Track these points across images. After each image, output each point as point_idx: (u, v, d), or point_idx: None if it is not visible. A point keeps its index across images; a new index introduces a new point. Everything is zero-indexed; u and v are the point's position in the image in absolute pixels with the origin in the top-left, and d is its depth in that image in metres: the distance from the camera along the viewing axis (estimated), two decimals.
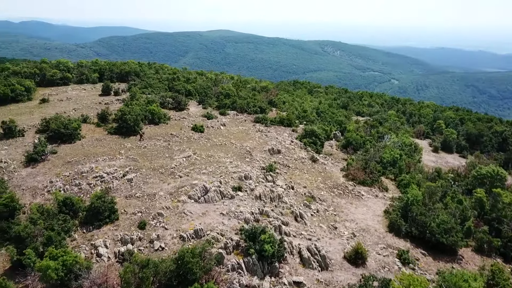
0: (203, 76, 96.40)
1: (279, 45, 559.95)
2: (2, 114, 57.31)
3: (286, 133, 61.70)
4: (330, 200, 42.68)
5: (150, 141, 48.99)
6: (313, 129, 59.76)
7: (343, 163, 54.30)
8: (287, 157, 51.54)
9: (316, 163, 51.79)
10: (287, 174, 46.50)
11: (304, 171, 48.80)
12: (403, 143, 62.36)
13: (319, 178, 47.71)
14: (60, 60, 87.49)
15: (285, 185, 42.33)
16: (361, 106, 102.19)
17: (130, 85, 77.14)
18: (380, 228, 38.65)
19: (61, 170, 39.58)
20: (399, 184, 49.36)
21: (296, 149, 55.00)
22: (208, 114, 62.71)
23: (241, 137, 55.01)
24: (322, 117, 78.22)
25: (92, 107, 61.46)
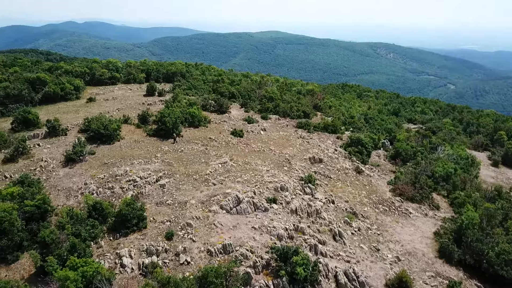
0: (248, 78, 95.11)
1: (330, 47, 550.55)
2: (50, 112, 59.09)
3: (330, 140, 58.61)
4: (373, 217, 39.30)
5: (187, 144, 47.99)
6: (360, 137, 56.20)
7: (390, 175, 50.43)
8: (329, 167, 48.55)
9: (361, 175, 48.37)
10: (327, 186, 43.59)
11: (347, 183, 45.61)
12: (458, 156, 57.11)
13: (363, 191, 44.34)
14: (110, 60, 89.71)
15: (325, 198, 39.50)
16: (413, 113, 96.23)
17: (174, 86, 77.32)
18: (429, 253, 34.82)
19: (97, 172, 39.35)
20: (453, 202, 44.78)
21: (340, 159, 51.81)
22: (249, 118, 60.98)
23: (281, 144, 52.72)
24: (370, 124, 74.11)
25: (135, 108, 61.74)
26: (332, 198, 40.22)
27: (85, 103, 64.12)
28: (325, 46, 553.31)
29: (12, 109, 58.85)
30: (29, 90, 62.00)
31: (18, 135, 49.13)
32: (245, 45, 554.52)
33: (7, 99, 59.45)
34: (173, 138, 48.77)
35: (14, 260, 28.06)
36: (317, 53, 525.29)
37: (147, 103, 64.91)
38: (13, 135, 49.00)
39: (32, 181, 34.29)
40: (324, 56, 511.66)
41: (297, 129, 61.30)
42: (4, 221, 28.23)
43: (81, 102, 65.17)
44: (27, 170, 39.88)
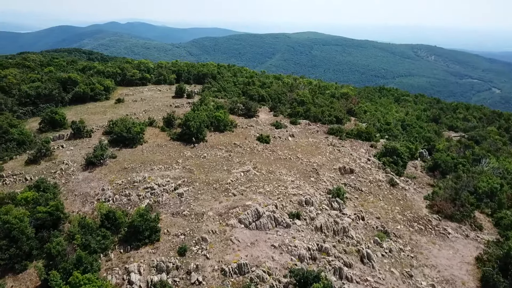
0: (280, 80, 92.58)
1: (368, 48, 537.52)
2: (79, 112, 59.13)
3: (363, 148, 55.12)
4: (407, 237, 35.83)
5: (211, 150, 46.15)
6: (395, 146, 52.42)
7: (427, 189, 46.47)
8: (360, 178, 45.27)
9: (395, 188, 44.79)
10: (358, 200, 40.42)
11: (379, 197, 42.23)
12: (505, 170, 52.12)
13: (397, 207, 40.81)
14: (142, 61, 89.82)
15: (354, 214, 36.41)
16: (455, 119, 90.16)
17: (204, 88, 76.05)
18: (470, 281, 31.09)
19: (115, 177, 38.17)
20: (498, 223, 40.36)
21: (373, 169, 48.37)
22: (277, 123, 58.47)
23: (309, 151, 49.89)
24: (407, 131, 69.70)
25: (162, 110, 60.74)
26: (362, 214, 37.05)
27: (114, 104, 63.85)
28: (363, 47, 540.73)
29: (42, 109, 59.34)
30: (59, 90, 62.39)
31: (43, 135, 49.17)
32: (281, 46, 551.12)
33: (38, 99, 59.98)
34: (192, 143, 47.16)
35: (21, 269, 27.04)
36: (354, 54, 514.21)
37: (175, 105, 63.81)
38: (39, 136, 49.08)
39: (47, 186, 33.43)
40: (362, 58, 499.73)
41: (328, 135, 58.19)
42: (14, 229, 27.29)
43: (109, 103, 65.00)
44: (47, 172, 39.37)
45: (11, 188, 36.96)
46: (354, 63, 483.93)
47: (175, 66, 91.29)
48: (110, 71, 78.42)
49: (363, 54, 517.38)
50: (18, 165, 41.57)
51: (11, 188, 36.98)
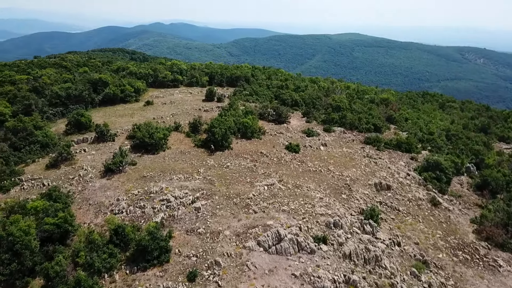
0: (316, 84, 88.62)
1: (412, 50, 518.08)
2: (107, 114, 58.34)
3: (402, 161, 50.56)
4: (450, 268, 31.42)
5: (235, 159, 43.40)
6: (439, 160, 47.54)
7: (475, 211, 41.48)
8: (398, 196, 41.01)
9: (437, 208, 40.19)
10: (394, 222, 36.28)
11: (419, 218, 37.84)
12: None
13: (439, 231, 36.32)
14: (174, 62, 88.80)
15: (389, 239, 32.40)
16: (507, 129, 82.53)
17: (235, 92, 73.65)
18: None
19: (132, 186, 36.23)
20: None
21: (413, 186, 43.89)
22: (309, 130, 54.90)
23: (342, 163, 46.06)
24: (452, 142, 63.94)
25: (190, 114, 58.80)
26: (398, 238, 32.95)
27: (142, 107, 62.68)
28: (407, 49, 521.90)
29: (72, 110, 58.99)
30: (89, 92, 61.90)
31: (68, 138, 48.37)
32: (322, 47, 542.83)
33: (68, 100, 59.73)
34: (211, 150, 44.68)
35: (23, 286, 25.35)
36: (397, 56, 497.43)
37: (204, 109, 61.73)
38: (64, 138, 48.32)
39: (59, 195, 31.82)
40: (405, 60, 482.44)
41: (364, 145, 54.01)
42: (17, 242, 25.66)
43: (139, 105, 63.90)
44: (65, 178, 38.12)
45: (28, 193, 35.93)
46: (396, 65, 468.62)
47: (208, 68, 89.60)
48: (142, 72, 77.72)
49: (406, 56, 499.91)
50: (39, 168, 40.70)
51: (28, 193, 35.96)
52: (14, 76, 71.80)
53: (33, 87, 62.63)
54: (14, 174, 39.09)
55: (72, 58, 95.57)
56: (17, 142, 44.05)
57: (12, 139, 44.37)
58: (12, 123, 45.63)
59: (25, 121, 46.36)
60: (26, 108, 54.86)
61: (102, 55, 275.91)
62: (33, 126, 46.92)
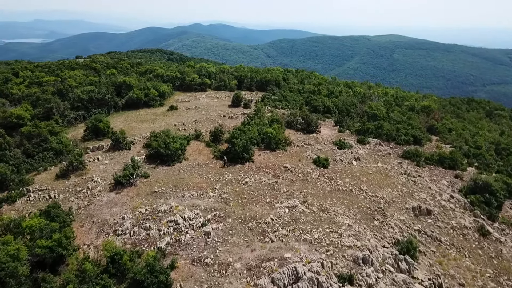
0: (351, 89, 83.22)
1: (455, 53, 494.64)
2: (129, 119, 56.27)
3: (445, 180, 44.94)
4: None
5: (256, 173, 39.51)
6: (488, 181, 41.70)
7: None
8: (440, 222, 35.75)
9: (486, 239, 34.67)
10: (434, 255, 31.20)
11: (464, 252, 32.53)
12: None
13: (489, 269, 30.91)
14: (203, 65, 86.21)
15: (429, 279, 27.45)
16: None
17: (263, 97, 69.87)
18: None
19: (141, 203, 33.17)
20: None
21: (457, 211, 38.39)
22: (340, 141, 50.18)
23: (376, 181, 41.15)
24: (503, 157, 57.11)
25: (214, 121, 55.61)
26: (440, 279, 27.92)
27: (165, 112, 60.15)
28: (450, 52, 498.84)
29: (93, 114, 57.26)
30: (112, 95, 60.02)
31: (85, 145, 46.33)
32: (361, 48, 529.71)
33: (90, 103, 58.11)
34: (224, 162, 41.03)
35: None
36: (440, 59, 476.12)
37: (229, 115, 58.36)
38: (81, 145, 46.30)
39: (58, 213, 29.12)
40: (448, 63, 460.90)
41: (402, 160, 48.71)
42: (2, 269, 23.00)
43: (162, 109, 61.44)
44: (73, 190, 35.70)
45: (33, 206, 33.75)
46: (439, 68, 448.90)
47: (238, 71, 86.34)
48: (169, 75, 75.51)
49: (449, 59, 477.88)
50: (49, 178, 38.59)
51: (33, 206, 33.78)
52: (42, 77, 71.48)
53: (57, 90, 61.61)
54: (23, 184, 37.16)
55: (102, 60, 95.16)
56: (30, 148, 42.31)
57: (26, 145, 42.69)
58: (27, 129, 44.03)
59: (41, 127, 44.67)
60: (47, 112, 53.59)
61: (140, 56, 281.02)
62: (48, 131, 45.22)
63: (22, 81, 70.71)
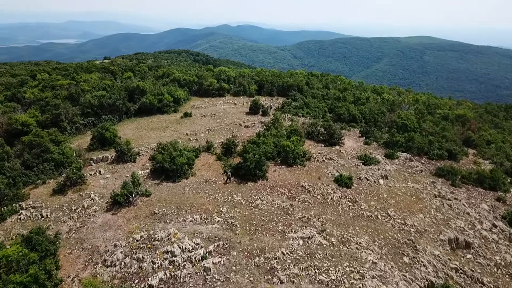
0: (379, 96, 77.71)
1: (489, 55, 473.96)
2: (140, 127, 53.37)
3: (485, 203, 39.48)
4: None
5: (269, 194, 35.35)
6: None
7: None
8: (481, 259, 30.61)
9: None
10: None
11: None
12: None
13: None
14: (222, 69, 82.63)
15: None
16: None
17: (283, 103, 65.58)
18: None
19: (137, 227, 29.64)
20: None
21: (501, 243, 33.07)
22: (366, 156, 45.31)
23: (406, 205, 36.25)
24: None
25: (229, 130, 51.85)
26: None
27: (179, 119, 56.88)
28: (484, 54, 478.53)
29: (104, 121, 54.59)
30: (124, 101, 57.18)
31: (88, 155, 43.39)
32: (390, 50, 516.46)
33: (101, 109, 55.44)
34: (227, 177, 37.21)
35: None
36: (473, 61, 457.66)
37: (245, 124, 54.46)
38: (84, 155, 43.37)
39: (40, 241, 25.75)
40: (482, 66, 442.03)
41: (435, 178, 43.50)
42: None
43: (176, 116, 58.18)
44: (67, 209, 32.63)
45: (23, 226, 30.86)
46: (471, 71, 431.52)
47: (258, 76, 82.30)
48: (187, 80, 72.33)
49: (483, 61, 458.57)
50: (46, 193, 35.71)
51: (22, 226, 30.89)
52: (57, 80, 69.64)
53: (69, 94, 59.27)
54: (17, 199, 34.40)
55: (121, 62, 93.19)
56: (30, 159, 39.56)
57: (25, 155, 40.02)
58: (28, 138, 41.32)
59: (42, 136, 41.90)
60: (55, 118, 51.09)
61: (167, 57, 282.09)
62: (51, 140, 42.46)
63: (37, 84, 69.10)
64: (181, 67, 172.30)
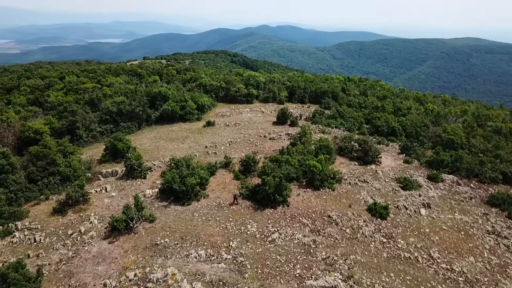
0: (422, 105, 70.61)
1: None
2: (158, 136, 50.25)
3: None
4: None
5: (288, 225, 30.57)
6: None
7: None
8: None
9: None
10: None
11: None
12: None
13: None
14: (251, 73, 78.37)
15: None
16: None
17: (314, 112, 60.33)
18: None
19: (133, 262, 25.84)
20: None
21: None
22: (405, 179, 39.46)
23: (453, 243, 30.38)
24: None
25: (252, 142, 47.47)
26: None
27: (201, 128, 53.14)
28: None
29: (122, 128, 51.79)
30: (144, 107, 54.14)
31: (98, 168, 40.35)
32: (434, 52, 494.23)
33: (120, 116, 52.67)
34: (234, 198, 33.12)
35: None
36: None
37: (270, 136, 49.85)
38: (95, 168, 40.39)
39: (16, 279, 22.32)
40: None
41: (488, 208, 37.03)
42: None
43: (198, 125, 54.48)
44: (63, 233, 29.62)
45: (13, 251, 28.07)
46: None
47: (290, 81, 77.28)
48: (213, 85, 68.57)
49: None
50: (45, 211, 32.93)
51: (13, 251, 28.09)
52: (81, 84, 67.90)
53: (90, 99, 57.02)
54: (14, 217, 31.75)
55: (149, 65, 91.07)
56: (35, 172, 36.88)
57: (30, 168, 37.40)
58: (36, 148, 38.68)
59: (50, 146, 39.17)
60: (71, 125, 48.77)
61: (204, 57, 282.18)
62: (59, 151, 39.67)
63: (62, 87, 67.71)
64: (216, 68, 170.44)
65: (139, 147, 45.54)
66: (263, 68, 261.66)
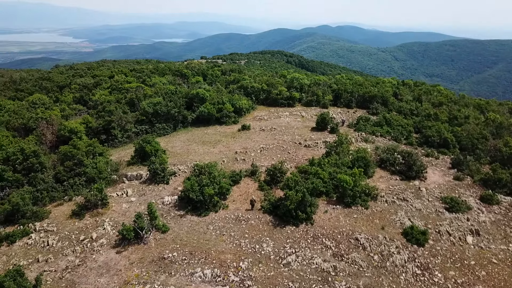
0: (483, 114, 63.53)
1: None
2: (192, 139, 49.44)
3: None
4: None
5: (310, 246, 27.63)
6: None
7: None
8: None
9: None
10: None
11: None
12: None
13: None
14: (295, 76, 75.09)
15: None
16: None
17: (359, 118, 56.23)
18: None
19: (136, 276, 24.44)
20: None
21: None
22: (452, 199, 34.75)
23: (503, 281, 25.83)
24: None
25: (285, 149, 44.83)
26: None
27: (236, 132, 51.44)
28: None
29: (157, 129, 51.40)
30: (180, 109, 53.37)
31: (124, 170, 39.91)
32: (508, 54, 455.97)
33: (155, 117, 52.30)
34: (252, 204, 30.86)
35: None
36: None
37: (306, 143, 46.86)
38: (122, 170, 40.00)
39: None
40: None
41: None
42: None
43: (233, 129, 52.80)
44: (75, 238, 29.03)
45: (26, 254, 27.87)
46: None
47: (336, 84, 73.26)
48: (255, 87, 66.54)
49: None
50: (66, 213, 32.70)
51: (26, 254, 27.92)
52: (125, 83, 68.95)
53: (129, 99, 57.40)
54: (35, 218, 31.78)
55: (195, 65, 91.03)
56: (62, 172, 37.00)
57: (58, 167, 37.62)
58: (66, 148, 38.93)
59: (79, 147, 39.22)
60: (107, 124, 49.02)
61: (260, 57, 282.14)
62: (88, 152, 39.64)
63: (108, 86, 69.18)
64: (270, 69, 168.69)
65: (170, 150, 44.70)
66: (319, 69, 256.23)
